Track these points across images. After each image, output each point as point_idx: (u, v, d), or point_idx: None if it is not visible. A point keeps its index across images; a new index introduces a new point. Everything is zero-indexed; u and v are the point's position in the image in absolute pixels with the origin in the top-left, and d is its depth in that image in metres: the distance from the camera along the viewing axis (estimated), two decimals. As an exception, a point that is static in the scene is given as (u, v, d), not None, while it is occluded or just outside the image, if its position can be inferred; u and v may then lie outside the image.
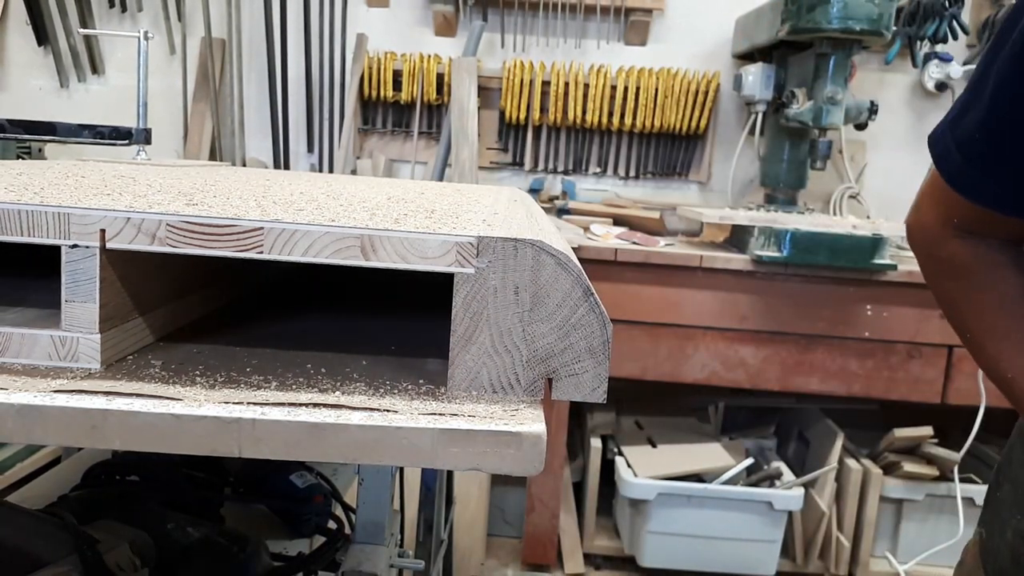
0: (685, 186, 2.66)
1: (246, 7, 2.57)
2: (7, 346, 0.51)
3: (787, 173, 2.27)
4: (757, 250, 2.00)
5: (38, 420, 0.45)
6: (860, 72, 2.45)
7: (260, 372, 0.53)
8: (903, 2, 2.32)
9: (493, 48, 2.59)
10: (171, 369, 0.52)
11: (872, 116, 2.11)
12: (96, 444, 0.45)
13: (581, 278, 0.51)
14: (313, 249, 0.49)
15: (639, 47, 2.59)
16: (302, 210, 0.56)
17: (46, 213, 0.49)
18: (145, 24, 2.58)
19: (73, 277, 0.50)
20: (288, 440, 0.45)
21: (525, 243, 0.50)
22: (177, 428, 0.45)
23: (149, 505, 0.87)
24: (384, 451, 0.45)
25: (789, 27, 1.98)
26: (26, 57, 2.62)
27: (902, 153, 2.54)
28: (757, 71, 2.25)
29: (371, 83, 2.54)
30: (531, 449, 0.46)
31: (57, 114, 2.55)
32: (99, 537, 0.76)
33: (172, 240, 0.49)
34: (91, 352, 0.51)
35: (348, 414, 0.46)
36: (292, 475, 1.11)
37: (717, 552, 2.16)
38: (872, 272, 1.99)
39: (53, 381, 0.48)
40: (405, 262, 0.50)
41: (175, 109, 2.59)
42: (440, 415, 0.47)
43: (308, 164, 2.65)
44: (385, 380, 0.53)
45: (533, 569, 2.30)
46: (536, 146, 2.62)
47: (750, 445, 2.38)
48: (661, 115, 2.53)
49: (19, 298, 0.58)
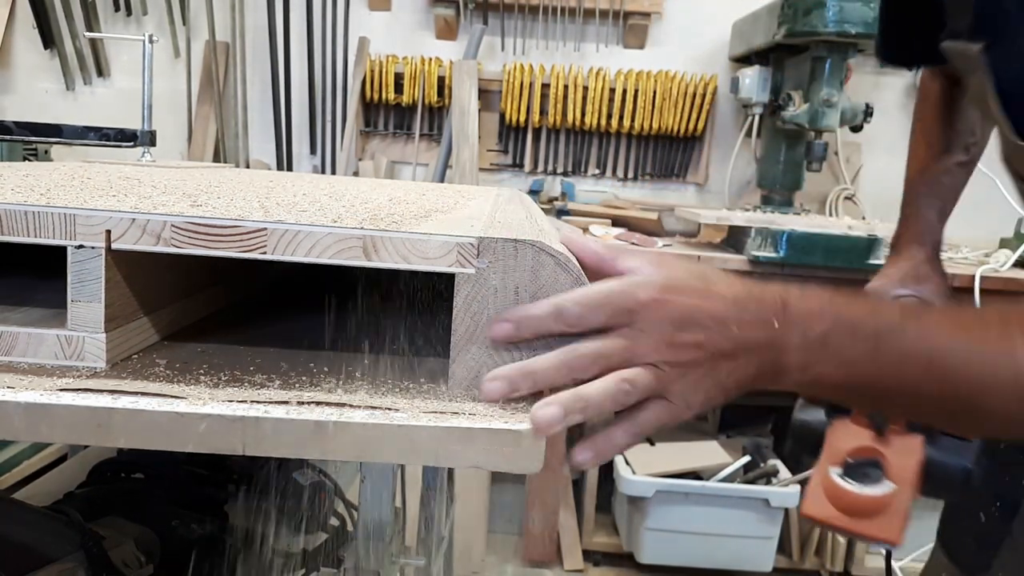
0: (683, 187, 2.67)
1: (250, 11, 2.58)
2: (14, 345, 0.51)
3: (783, 175, 2.28)
4: (754, 251, 2.01)
5: (44, 418, 0.45)
6: (856, 75, 2.45)
7: (263, 371, 0.53)
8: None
9: (493, 51, 2.59)
10: (175, 368, 0.52)
11: (867, 118, 2.11)
12: (101, 442, 0.45)
13: (580, 278, 0.52)
14: (316, 249, 0.50)
15: (637, 50, 2.60)
16: (305, 211, 0.56)
17: (52, 214, 0.50)
18: (150, 27, 2.59)
19: (79, 277, 0.50)
20: (291, 438, 0.45)
21: (525, 243, 0.51)
22: (181, 426, 0.45)
23: (154, 502, 0.87)
24: (386, 449, 0.46)
25: (785, 30, 1.99)
26: (32, 60, 2.63)
27: (897, 155, 2.49)
28: (754, 74, 2.26)
29: (373, 86, 2.55)
30: (531, 447, 0.46)
31: (63, 116, 2.56)
32: (104, 534, 0.76)
33: (177, 241, 0.50)
34: (96, 351, 0.51)
35: (350, 412, 0.46)
36: (295, 472, 1.11)
37: (714, 549, 2.17)
38: (868, 272, 1.98)
39: (59, 380, 0.48)
40: (406, 262, 0.50)
41: (179, 111, 2.60)
42: (441, 413, 0.47)
43: (311, 166, 2.66)
44: (387, 379, 0.53)
45: (533, 566, 2.30)
46: (536, 148, 2.63)
47: (747, 443, 2.39)
48: (659, 117, 2.54)
49: (25, 298, 0.58)
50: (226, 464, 1.11)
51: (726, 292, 0.53)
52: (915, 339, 0.56)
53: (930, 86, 1.09)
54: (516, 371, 0.50)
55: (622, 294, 0.51)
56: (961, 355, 0.56)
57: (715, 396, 0.53)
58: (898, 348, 0.55)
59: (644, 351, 0.50)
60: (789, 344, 0.54)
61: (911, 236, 1.06)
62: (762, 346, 0.53)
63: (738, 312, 0.53)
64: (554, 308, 0.50)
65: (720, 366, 0.52)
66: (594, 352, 0.50)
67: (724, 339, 0.52)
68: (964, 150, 1.06)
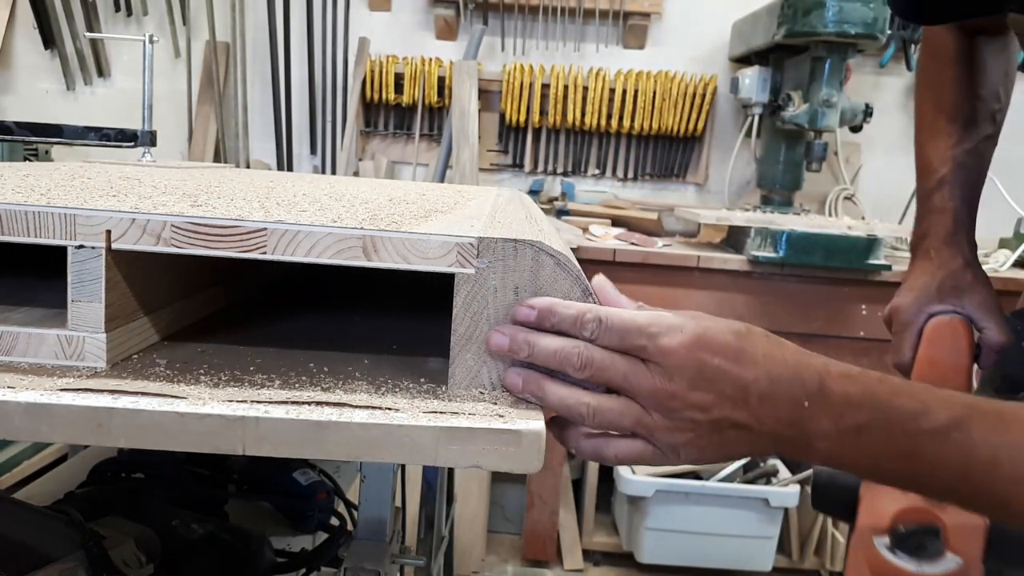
0: (683, 188, 2.67)
1: (250, 11, 2.58)
2: (14, 345, 0.51)
3: (783, 175, 2.28)
4: (753, 251, 2.01)
5: (45, 418, 0.45)
6: (855, 75, 2.45)
7: (263, 371, 0.53)
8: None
9: (493, 52, 2.60)
10: (176, 368, 0.53)
11: (867, 118, 2.12)
12: (102, 442, 0.45)
13: (580, 278, 0.52)
14: (316, 250, 0.50)
15: (637, 51, 2.60)
16: (305, 211, 0.56)
17: (53, 214, 0.50)
18: (150, 28, 2.59)
19: (79, 277, 0.50)
20: (291, 438, 0.45)
21: (525, 244, 0.51)
22: (181, 426, 0.45)
23: (154, 502, 0.87)
24: (386, 449, 0.46)
25: (785, 31, 1.99)
26: (33, 60, 2.63)
27: (897, 155, 2.55)
28: (754, 74, 2.26)
29: (373, 86, 2.55)
30: (531, 447, 0.46)
31: (63, 117, 2.56)
32: (105, 533, 0.77)
33: (177, 241, 0.50)
34: (97, 351, 0.51)
35: (350, 412, 0.46)
36: (295, 472, 1.12)
37: (714, 548, 2.17)
38: (867, 272, 2.00)
39: (59, 380, 0.48)
40: (406, 262, 0.50)
41: (180, 112, 2.60)
42: (441, 413, 0.47)
43: (311, 166, 2.66)
44: (387, 379, 0.53)
45: (533, 565, 2.30)
46: (536, 148, 2.63)
47: (748, 444, 2.39)
48: (659, 118, 2.54)
49: (26, 298, 0.59)
50: (226, 464, 1.11)
51: (761, 360, 0.49)
52: (956, 450, 0.51)
53: (942, 43, 0.90)
54: (522, 334, 0.50)
55: (643, 331, 0.49)
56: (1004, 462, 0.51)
57: (713, 458, 0.51)
58: (936, 455, 0.51)
59: (641, 390, 0.49)
60: (817, 430, 0.50)
61: (940, 236, 0.89)
62: (784, 425, 0.50)
63: (766, 385, 0.49)
64: (577, 313, 0.49)
65: (727, 433, 0.50)
66: (588, 359, 0.49)
67: (738, 410, 0.49)
68: (991, 120, 0.89)
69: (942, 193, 0.88)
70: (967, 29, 0.88)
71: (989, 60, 0.88)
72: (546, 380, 0.51)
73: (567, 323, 0.50)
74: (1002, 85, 0.89)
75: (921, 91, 0.94)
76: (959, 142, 0.88)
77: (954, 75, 0.88)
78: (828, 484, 0.81)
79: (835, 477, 0.80)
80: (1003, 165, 0.86)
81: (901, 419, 0.51)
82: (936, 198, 0.89)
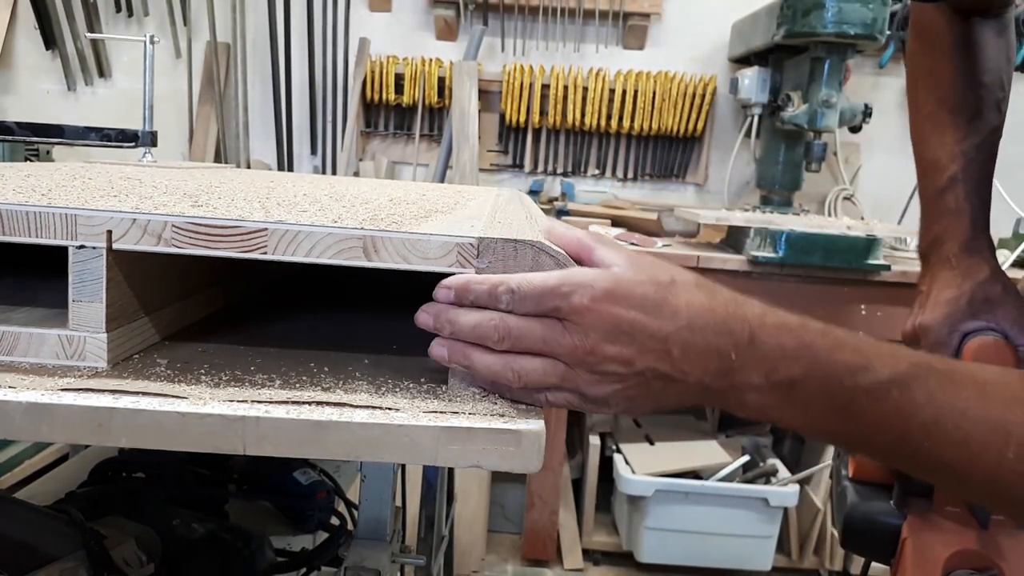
0: (682, 188, 2.67)
1: (250, 12, 2.58)
2: (15, 345, 0.51)
3: (782, 175, 2.29)
4: (753, 251, 2.01)
5: (45, 418, 0.45)
6: (854, 75, 2.46)
7: (264, 371, 0.53)
8: (897, 7, 2.33)
9: (493, 52, 2.60)
10: (176, 368, 0.53)
11: (866, 119, 2.12)
12: (102, 441, 0.45)
13: (579, 278, 0.52)
14: (316, 250, 0.50)
15: (637, 51, 2.60)
16: (305, 211, 0.57)
17: (53, 214, 0.50)
18: (151, 28, 2.60)
19: (80, 277, 0.50)
20: (292, 437, 0.45)
21: (525, 243, 0.51)
22: (182, 426, 0.45)
23: (155, 502, 0.88)
24: (386, 448, 0.46)
25: (785, 31, 1.99)
26: (34, 61, 2.63)
27: (896, 155, 2.55)
28: (753, 75, 2.26)
29: (373, 86, 2.55)
30: (531, 447, 0.46)
31: (64, 117, 2.56)
32: (106, 533, 0.77)
33: (177, 241, 0.50)
34: (98, 351, 0.51)
35: (351, 412, 0.46)
36: (295, 472, 1.12)
37: (714, 548, 2.17)
38: (866, 272, 2.00)
39: (60, 379, 0.48)
40: (407, 263, 0.50)
41: (181, 112, 2.60)
42: (441, 413, 0.47)
43: (311, 166, 2.66)
44: (387, 379, 0.54)
45: (533, 564, 2.31)
46: (536, 148, 2.63)
47: (746, 442, 2.40)
48: (659, 118, 2.54)
49: (27, 298, 0.59)
50: (227, 464, 1.11)
51: (683, 310, 0.48)
52: (894, 409, 0.49)
53: (935, 26, 0.82)
54: (443, 313, 0.50)
55: (554, 293, 0.48)
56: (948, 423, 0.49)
57: (645, 407, 0.51)
58: (873, 413, 0.49)
59: (561, 350, 0.49)
60: (747, 383, 0.49)
61: (959, 241, 0.82)
62: (712, 376, 0.49)
63: (688, 336, 0.48)
64: (490, 287, 0.49)
65: (653, 384, 0.49)
66: (505, 330, 0.49)
67: (660, 361, 0.48)
68: (996, 110, 0.82)
69: (955, 193, 0.82)
70: (961, 9, 0.80)
71: (989, 44, 0.81)
72: (471, 348, 0.50)
73: (483, 298, 0.49)
74: (1004, 71, 0.82)
75: (915, 80, 0.86)
76: (967, 136, 0.81)
77: (953, 62, 0.81)
78: (864, 523, 0.73)
79: (872, 516, 0.73)
80: (1002, 165, 0.85)
81: (839, 374, 0.49)
82: (949, 198, 0.82)
